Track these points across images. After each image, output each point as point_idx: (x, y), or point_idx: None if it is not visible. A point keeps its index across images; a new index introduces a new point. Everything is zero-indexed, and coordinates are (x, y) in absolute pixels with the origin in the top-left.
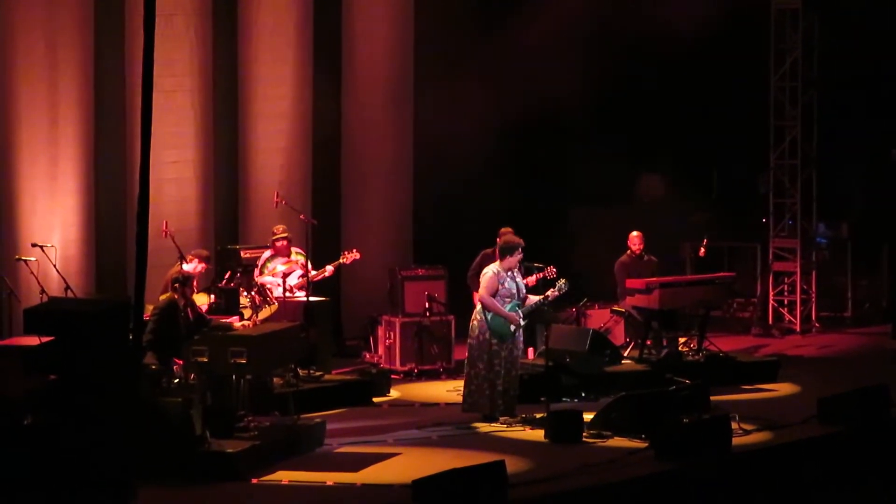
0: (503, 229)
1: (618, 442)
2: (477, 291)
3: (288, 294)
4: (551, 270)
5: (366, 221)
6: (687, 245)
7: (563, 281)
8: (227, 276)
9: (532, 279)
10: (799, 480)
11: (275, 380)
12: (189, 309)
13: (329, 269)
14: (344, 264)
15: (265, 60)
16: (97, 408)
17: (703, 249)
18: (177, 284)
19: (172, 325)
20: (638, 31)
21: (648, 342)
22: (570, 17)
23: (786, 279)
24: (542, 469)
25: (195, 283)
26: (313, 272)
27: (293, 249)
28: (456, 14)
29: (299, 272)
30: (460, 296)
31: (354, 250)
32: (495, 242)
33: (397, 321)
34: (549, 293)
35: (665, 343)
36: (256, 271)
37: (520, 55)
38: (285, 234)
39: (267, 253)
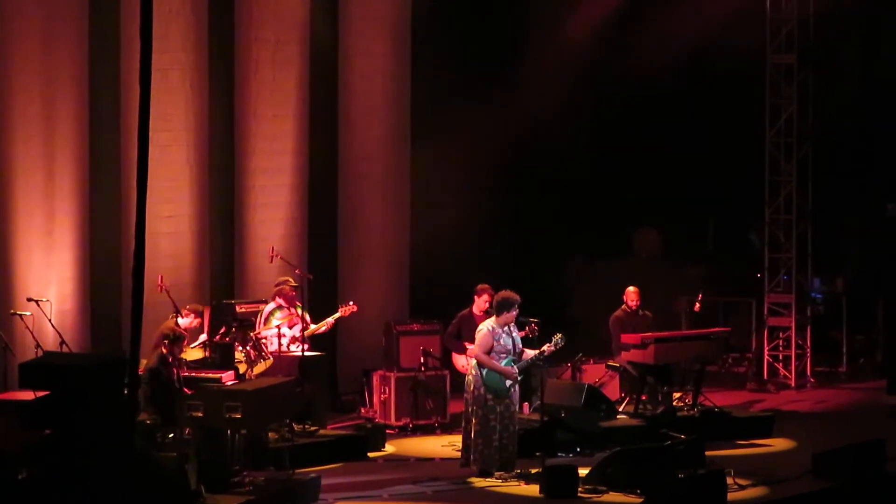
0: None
1: (613, 497)
2: (457, 353)
3: (283, 349)
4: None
5: (362, 276)
6: (682, 300)
7: (559, 335)
8: (222, 331)
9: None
10: None
11: (270, 434)
12: (176, 369)
13: (329, 321)
14: (342, 317)
15: (263, 115)
16: (92, 462)
17: (698, 304)
18: (166, 342)
19: (166, 380)
20: (634, 84)
21: (644, 397)
22: (565, 71)
23: (781, 334)
24: None
25: (185, 343)
26: (312, 326)
27: None
28: (452, 67)
29: (299, 325)
30: None
31: (351, 302)
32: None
33: (392, 376)
34: (545, 348)
35: (660, 398)
36: (259, 324)
37: (515, 108)
38: (297, 283)
39: (271, 305)
